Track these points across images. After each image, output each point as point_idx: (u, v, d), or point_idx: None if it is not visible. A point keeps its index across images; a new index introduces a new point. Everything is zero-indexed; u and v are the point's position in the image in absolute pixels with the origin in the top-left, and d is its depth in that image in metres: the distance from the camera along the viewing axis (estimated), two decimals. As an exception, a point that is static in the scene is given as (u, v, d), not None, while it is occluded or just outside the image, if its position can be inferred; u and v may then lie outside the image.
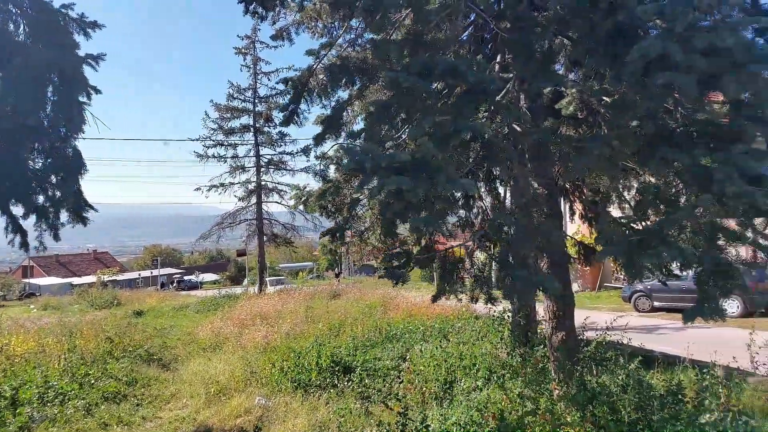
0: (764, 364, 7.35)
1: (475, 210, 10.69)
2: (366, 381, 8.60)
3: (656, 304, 17.12)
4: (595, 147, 4.49)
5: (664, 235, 4.12)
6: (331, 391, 8.46)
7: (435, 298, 6.46)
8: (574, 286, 25.37)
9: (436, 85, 6.13)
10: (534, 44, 5.40)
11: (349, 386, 8.42)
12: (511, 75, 6.05)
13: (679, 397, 5.85)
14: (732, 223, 4.84)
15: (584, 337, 8.74)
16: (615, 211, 8.05)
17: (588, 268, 21.66)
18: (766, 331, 10.17)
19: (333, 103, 7.61)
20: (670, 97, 4.66)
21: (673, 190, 5.45)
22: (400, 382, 7.99)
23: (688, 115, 4.93)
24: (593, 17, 3.98)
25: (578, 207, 10.55)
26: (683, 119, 4.96)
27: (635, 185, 7.12)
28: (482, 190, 10.69)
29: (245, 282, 38.52)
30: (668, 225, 4.16)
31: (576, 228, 13.21)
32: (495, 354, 8.82)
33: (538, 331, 9.16)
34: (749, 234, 4.57)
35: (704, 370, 6.87)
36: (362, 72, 6.52)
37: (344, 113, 7.77)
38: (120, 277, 50.65)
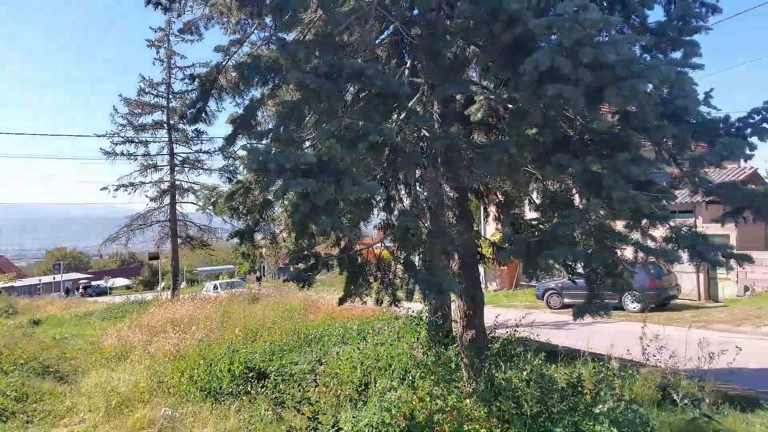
0: (654, 356, 7.98)
1: (396, 212, 10.81)
2: (281, 386, 8.41)
3: (566, 301, 17.96)
4: (494, 153, 4.67)
5: (558, 236, 4.35)
6: (244, 398, 8.20)
7: (341, 301, 6.43)
8: (493, 285, 26.41)
9: (349, 87, 6.12)
10: (443, 51, 5.52)
11: (262, 392, 8.20)
12: (422, 80, 6.16)
13: (578, 389, 6.16)
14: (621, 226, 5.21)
15: (495, 335, 9.06)
16: (531, 214, 8.43)
17: (504, 267, 22.56)
18: (658, 325, 11.13)
19: (246, 102, 7.40)
20: (566, 107, 4.94)
21: (571, 194, 5.79)
22: (316, 386, 7.88)
23: (585, 125, 5.25)
24: (494, 28, 4.13)
25: (491, 209, 10.99)
26: (581, 128, 5.28)
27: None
28: (402, 192, 10.84)
29: (159, 287, 36.64)
30: (561, 227, 4.40)
31: (494, 229, 13.71)
32: (411, 354, 8.93)
33: (453, 330, 9.40)
34: (635, 235, 4.93)
35: (601, 363, 7.37)
36: (275, 71, 6.38)
37: (258, 113, 7.57)
38: (18, 284, 46.72)
